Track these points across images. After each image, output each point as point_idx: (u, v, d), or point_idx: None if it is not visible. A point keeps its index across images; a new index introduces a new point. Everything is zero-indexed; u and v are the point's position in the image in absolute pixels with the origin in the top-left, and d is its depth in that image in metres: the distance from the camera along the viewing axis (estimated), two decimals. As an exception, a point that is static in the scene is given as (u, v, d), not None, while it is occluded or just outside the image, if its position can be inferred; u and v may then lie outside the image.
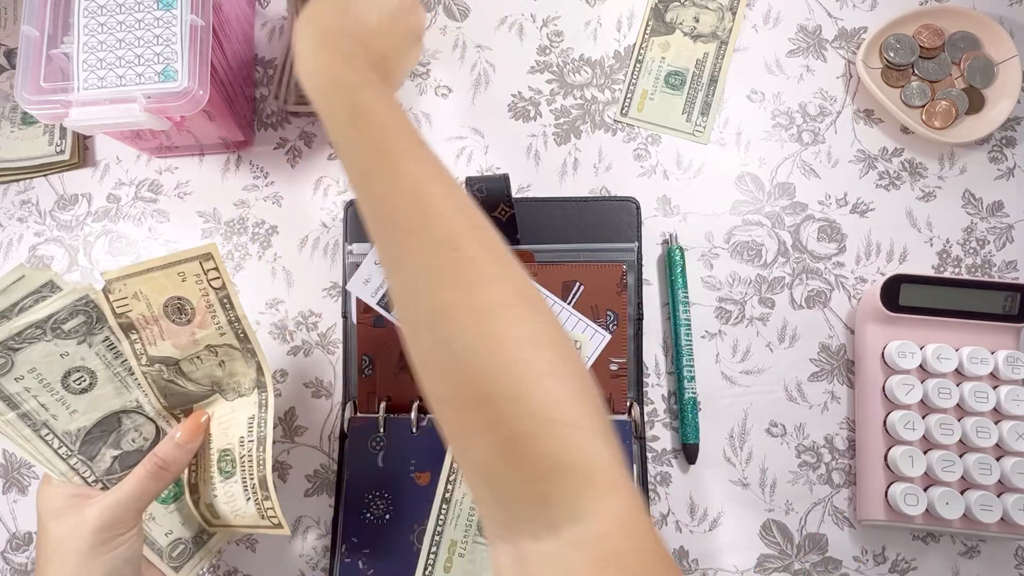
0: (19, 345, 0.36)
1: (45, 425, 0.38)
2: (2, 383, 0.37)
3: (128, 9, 0.49)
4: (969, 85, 0.58)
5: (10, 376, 0.37)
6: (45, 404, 0.38)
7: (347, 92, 0.34)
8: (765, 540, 0.53)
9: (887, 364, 0.53)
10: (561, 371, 0.28)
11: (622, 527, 0.26)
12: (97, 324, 0.39)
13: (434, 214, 0.30)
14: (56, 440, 0.39)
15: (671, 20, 0.61)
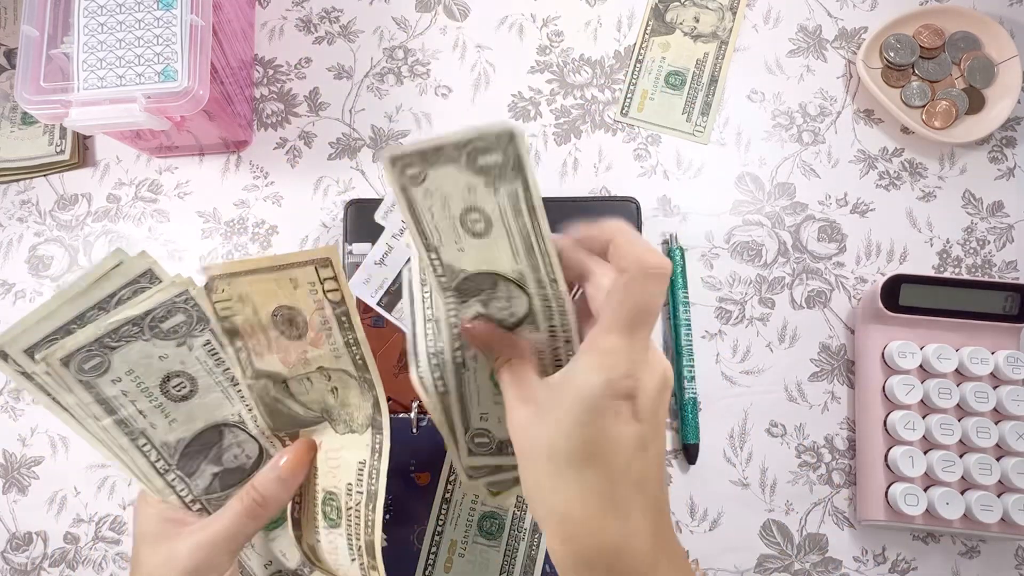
0: (116, 343, 0.32)
1: (143, 434, 0.34)
2: (99, 385, 0.33)
3: (128, 9, 0.49)
4: (969, 85, 0.58)
5: (107, 378, 0.33)
6: (143, 411, 0.34)
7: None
8: (765, 540, 0.53)
9: (887, 364, 0.53)
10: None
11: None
12: (198, 325, 0.34)
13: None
14: (154, 452, 0.35)
15: (671, 20, 0.61)
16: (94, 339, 0.32)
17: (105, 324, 0.32)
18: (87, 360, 0.32)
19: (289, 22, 0.62)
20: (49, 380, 0.32)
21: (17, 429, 0.56)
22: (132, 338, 0.33)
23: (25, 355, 0.31)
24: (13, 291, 0.58)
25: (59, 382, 0.32)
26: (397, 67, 0.61)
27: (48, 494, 0.55)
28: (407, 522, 0.50)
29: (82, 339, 0.31)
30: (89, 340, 0.32)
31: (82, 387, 0.32)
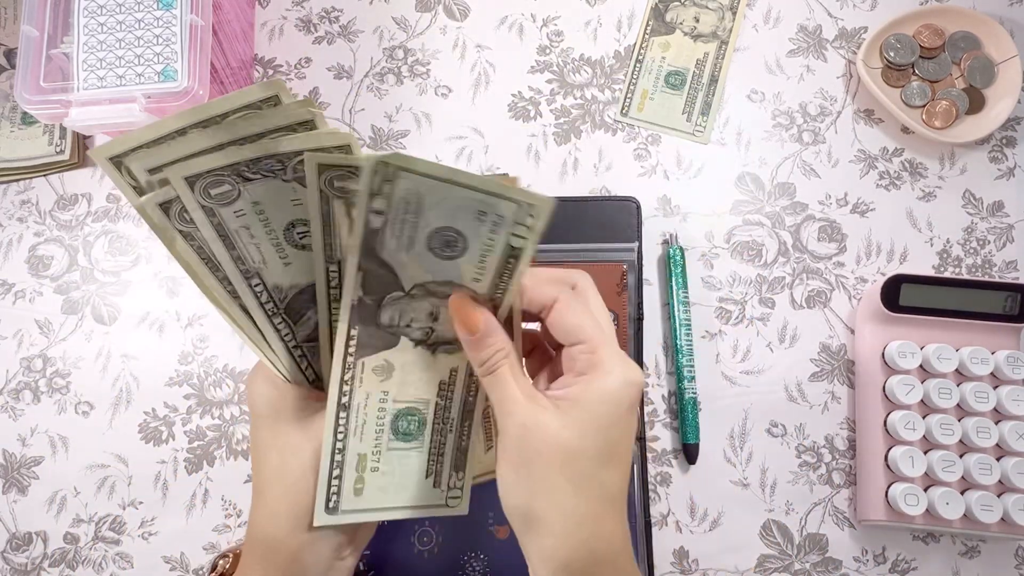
0: (252, 176, 0.29)
1: (258, 275, 0.32)
2: (222, 214, 0.29)
3: (128, 9, 0.49)
4: (969, 85, 0.58)
5: (231, 209, 0.29)
6: (262, 250, 0.31)
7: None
8: (765, 540, 0.53)
9: (887, 364, 0.53)
10: None
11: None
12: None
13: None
14: (265, 293, 0.32)
15: (671, 20, 0.61)
16: (229, 163, 0.28)
17: (247, 151, 0.28)
18: (216, 185, 0.28)
19: (289, 22, 0.62)
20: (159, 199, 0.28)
21: (17, 429, 0.56)
22: (272, 175, 0.29)
23: (147, 172, 0.28)
24: (13, 291, 0.58)
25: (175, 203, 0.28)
26: (397, 67, 0.61)
27: (48, 494, 0.55)
28: (407, 523, 0.50)
29: (215, 162, 0.28)
30: (223, 164, 0.28)
31: (203, 213, 0.29)
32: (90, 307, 0.57)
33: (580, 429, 0.29)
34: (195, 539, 0.54)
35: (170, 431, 0.55)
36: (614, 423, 0.30)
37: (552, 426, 0.29)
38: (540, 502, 0.29)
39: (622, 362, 0.30)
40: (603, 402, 0.30)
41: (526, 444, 0.29)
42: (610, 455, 0.30)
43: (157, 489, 0.54)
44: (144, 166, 0.27)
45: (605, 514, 0.30)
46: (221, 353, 0.56)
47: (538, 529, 0.29)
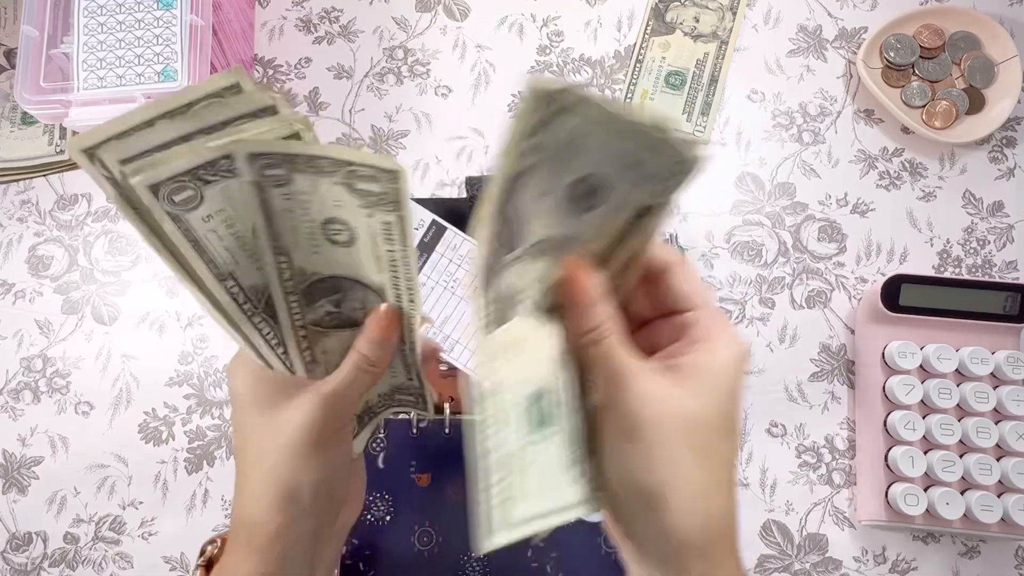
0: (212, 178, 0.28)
1: (231, 276, 0.31)
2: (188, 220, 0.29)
3: (128, 9, 0.49)
4: (969, 85, 0.58)
5: (197, 214, 0.29)
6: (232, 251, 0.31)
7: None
8: (765, 540, 0.53)
9: (887, 364, 0.53)
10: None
11: None
12: (389, 205, 0.29)
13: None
14: (241, 295, 0.32)
15: (671, 20, 0.61)
16: (188, 169, 0.27)
17: (204, 153, 0.27)
18: (178, 191, 0.28)
19: (289, 22, 0.62)
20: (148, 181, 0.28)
21: (17, 429, 0.56)
22: (229, 174, 0.28)
23: (119, 163, 0.27)
24: (13, 291, 0.58)
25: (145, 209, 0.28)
26: (397, 67, 0.61)
27: (48, 494, 0.55)
28: (408, 523, 0.50)
29: (176, 168, 0.27)
30: (183, 170, 0.27)
31: (171, 221, 0.28)
32: (90, 307, 0.57)
33: (703, 398, 0.28)
34: (195, 539, 0.54)
35: (170, 431, 0.55)
36: (731, 392, 0.29)
37: (673, 395, 0.28)
38: (663, 476, 0.28)
39: (732, 331, 0.30)
40: (724, 371, 0.29)
41: (644, 415, 0.28)
42: (727, 424, 0.29)
43: (157, 489, 0.54)
44: (116, 157, 0.27)
45: (724, 485, 0.29)
46: (221, 353, 0.56)
47: (659, 505, 0.28)
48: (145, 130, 0.27)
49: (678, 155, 0.27)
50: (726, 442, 0.29)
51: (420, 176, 0.59)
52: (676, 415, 0.28)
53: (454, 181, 0.59)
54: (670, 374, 0.29)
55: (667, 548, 0.28)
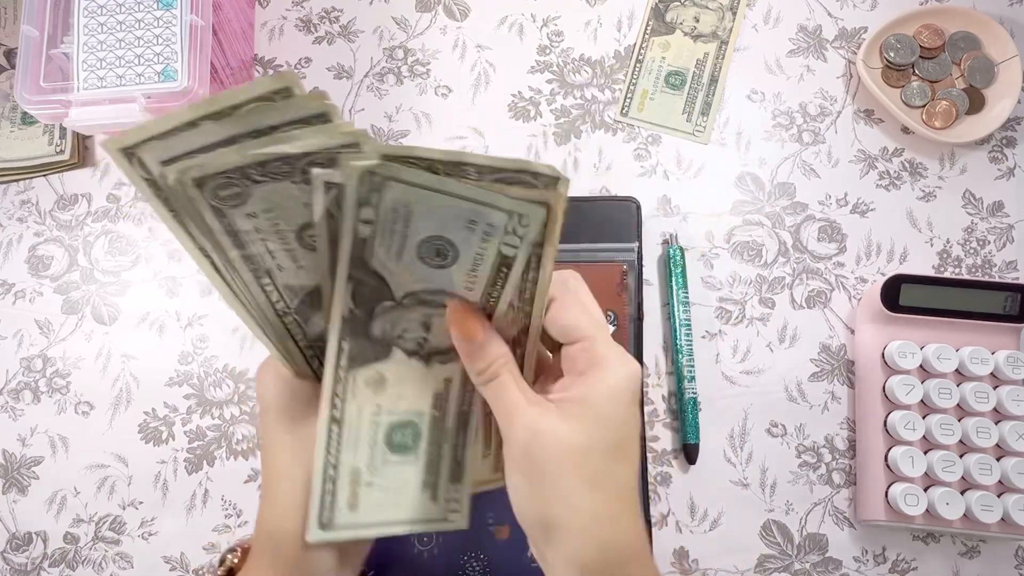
0: (260, 178, 0.28)
1: (268, 274, 0.31)
2: (232, 216, 0.29)
3: (128, 9, 0.49)
4: (969, 85, 0.58)
5: (242, 210, 0.29)
6: (273, 251, 0.31)
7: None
8: (765, 540, 0.53)
9: (887, 364, 0.53)
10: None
11: None
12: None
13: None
14: (275, 292, 0.32)
15: (671, 20, 0.61)
16: (237, 166, 0.27)
17: (254, 154, 0.27)
18: (225, 187, 0.28)
19: (289, 22, 0.62)
20: (178, 195, 0.28)
21: (17, 429, 0.56)
22: (280, 176, 0.28)
23: (160, 164, 0.27)
24: (13, 291, 0.58)
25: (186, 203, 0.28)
26: (397, 67, 0.61)
27: (48, 494, 0.55)
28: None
29: (224, 163, 0.27)
30: (231, 166, 0.27)
31: (213, 214, 0.29)
32: (90, 307, 0.57)
33: (588, 428, 0.29)
34: (195, 539, 0.54)
35: (170, 431, 0.55)
36: (620, 418, 0.30)
37: (560, 428, 0.29)
38: (557, 507, 0.29)
39: (620, 356, 0.30)
40: (607, 398, 0.29)
41: (535, 450, 0.29)
42: (620, 450, 0.29)
43: (157, 489, 0.54)
44: (157, 158, 0.27)
45: (623, 511, 0.29)
46: (221, 353, 0.56)
47: (557, 535, 0.29)
48: (188, 131, 0.27)
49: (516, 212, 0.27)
50: (619, 468, 0.29)
51: (420, 176, 0.59)
52: (564, 448, 0.29)
53: (454, 181, 0.59)
54: (559, 407, 0.30)
55: (575, 573, 0.29)
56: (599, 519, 0.29)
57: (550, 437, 0.29)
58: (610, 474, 0.29)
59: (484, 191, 0.27)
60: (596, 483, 0.29)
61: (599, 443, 0.29)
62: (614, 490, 0.29)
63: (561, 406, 0.30)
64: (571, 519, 0.29)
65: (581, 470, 0.29)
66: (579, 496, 0.29)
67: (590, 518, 0.29)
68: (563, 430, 0.29)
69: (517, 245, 0.29)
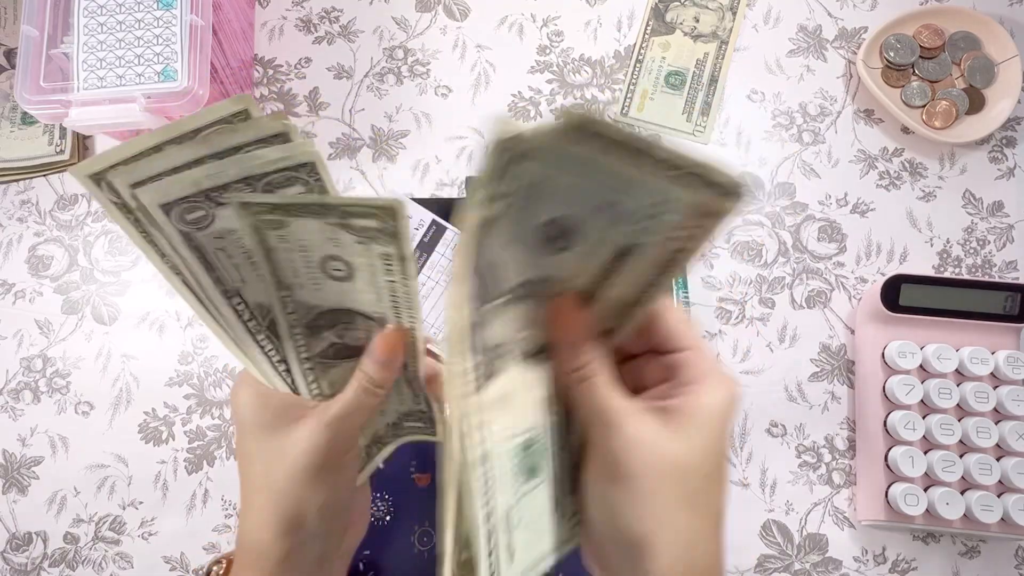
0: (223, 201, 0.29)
1: (238, 293, 0.32)
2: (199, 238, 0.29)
3: (128, 9, 0.49)
4: (969, 85, 0.58)
5: (209, 232, 0.29)
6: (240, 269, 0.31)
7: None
8: (765, 540, 0.53)
9: (887, 364, 0.53)
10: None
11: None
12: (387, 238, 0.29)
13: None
14: (247, 312, 0.32)
15: (671, 20, 0.61)
16: (200, 190, 0.28)
17: (215, 176, 0.28)
18: (191, 211, 0.28)
19: (289, 22, 0.62)
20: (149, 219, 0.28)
21: (17, 429, 0.56)
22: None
23: (129, 188, 0.28)
24: (13, 291, 0.58)
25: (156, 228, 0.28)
26: (397, 67, 0.61)
27: (48, 494, 0.55)
28: (408, 523, 0.50)
29: (187, 188, 0.27)
30: (195, 191, 0.28)
31: (181, 238, 0.29)
32: (90, 307, 0.57)
33: (693, 444, 0.27)
34: (195, 539, 0.54)
35: (170, 431, 0.55)
36: (722, 438, 0.28)
37: (662, 439, 0.27)
38: (649, 523, 0.27)
39: (724, 375, 0.29)
40: (714, 415, 0.28)
41: (632, 459, 0.27)
42: (719, 471, 0.28)
43: (157, 489, 0.54)
44: (126, 181, 0.27)
45: (711, 535, 0.28)
46: (221, 353, 0.56)
47: (644, 553, 0.27)
48: (153, 155, 0.27)
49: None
50: (715, 489, 0.28)
51: (420, 176, 0.59)
52: (665, 461, 0.27)
53: (454, 181, 0.59)
54: (659, 416, 0.28)
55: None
56: (691, 541, 0.27)
57: (651, 448, 0.27)
58: (705, 495, 0.28)
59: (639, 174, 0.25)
60: (693, 503, 0.27)
61: (701, 461, 0.27)
62: (708, 512, 0.28)
63: (664, 416, 0.28)
64: (664, 536, 0.27)
65: (681, 486, 0.27)
66: (676, 514, 0.27)
67: (683, 539, 0.27)
68: (665, 441, 0.27)
69: (646, 235, 0.27)
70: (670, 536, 0.27)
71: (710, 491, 0.28)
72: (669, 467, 0.27)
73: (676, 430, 0.27)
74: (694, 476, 0.27)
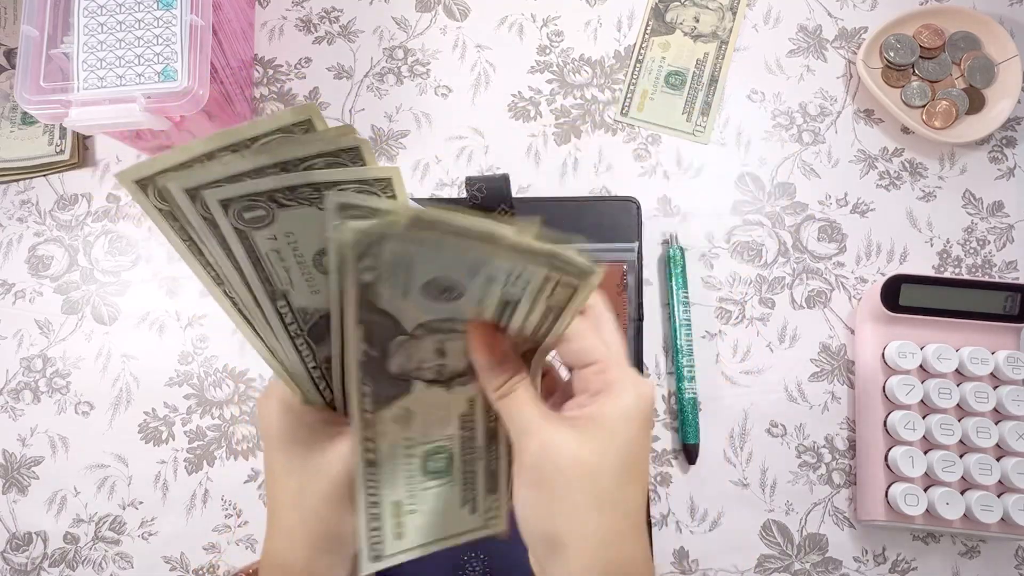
0: (287, 202, 0.28)
1: (284, 296, 0.31)
2: (254, 237, 0.29)
3: (128, 9, 0.49)
4: (969, 85, 0.58)
5: (264, 233, 0.29)
6: (290, 273, 0.31)
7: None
8: (765, 540, 0.53)
9: (887, 364, 0.53)
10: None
11: None
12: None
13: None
14: (290, 315, 0.32)
15: (671, 20, 0.61)
16: (265, 190, 0.28)
17: (284, 178, 0.28)
18: (250, 209, 0.28)
19: (289, 22, 0.62)
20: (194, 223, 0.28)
21: (17, 429, 0.56)
22: (306, 202, 0.29)
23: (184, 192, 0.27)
24: (13, 291, 0.58)
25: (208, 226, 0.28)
26: (397, 67, 0.61)
27: (48, 494, 0.55)
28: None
29: (252, 187, 0.27)
30: (259, 190, 0.28)
31: (236, 236, 0.29)
32: (90, 307, 0.57)
33: (599, 447, 0.29)
34: (195, 539, 0.54)
35: (170, 431, 0.55)
36: (632, 439, 0.30)
37: (571, 445, 0.29)
38: (563, 524, 0.29)
39: (633, 379, 0.30)
40: (620, 419, 0.29)
41: (545, 464, 0.29)
42: (630, 472, 0.29)
43: (157, 489, 0.54)
44: (181, 186, 0.27)
45: (628, 533, 0.29)
46: (221, 353, 0.56)
47: (561, 552, 0.29)
48: (207, 162, 0.27)
49: (518, 266, 0.28)
50: (629, 490, 0.29)
51: (420, 176, 0.59)
52: (575, 464, 0.29)
53: (454, 181, 0.59)
54: (573, 425, 0.30)
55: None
56: (605, 540, 0.29)
57: (562, 452, 0.29)
58: (619, 495, 0.29)
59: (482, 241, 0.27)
60: (605, 503, 0.29)
61: (610, 462, 0.29)
62: (623, 511, 0.29)
63: (575, 423, 0.30)
64: (577, 537, 0.29)
65: (589, 489, 0.29)
66: (587, 514, 0.29)
67: (596, 538, 0.29)
68: (575, 446, 0.29)
69: (520, 294, 0.29)
70: (582, 535, 0.29)
71: (623, 492, 0.29)
72: (578, 470, 0.29)
73: (583, 435, 0.29)
74: (603, 478, 0.29)
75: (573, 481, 0.29)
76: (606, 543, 0.29)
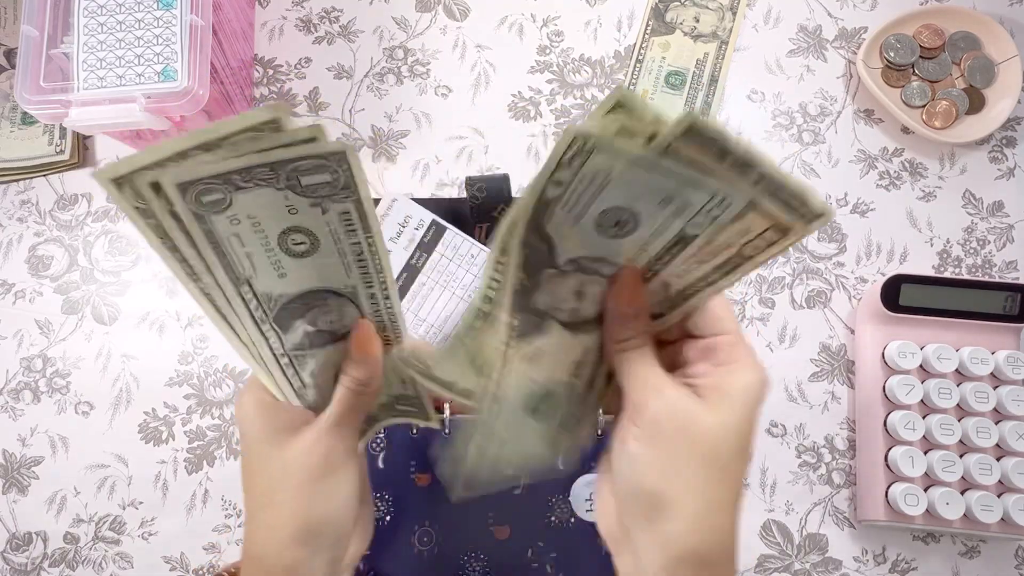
0: (244, 184, 0.28)
1: (247, 282, 0.31)
2: (213, 222, 0.28)
3: (128, 9, 0.49)
4: (969, 85, 0.58)
5: (223, 216, 0.29)
6: (253, 258, 0.30)
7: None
8: (765, 540, 0.53)
9: (887, 364, 0.53)
10: None
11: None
12: (342, 192, 0.29)
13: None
14: (254, 301, 0.32)
15: (671, 20, 0.61)
16: (220, 173, 0.27)
17: (238, 161, 0.27)
18: (207, 193, 0.28)
19: (289, 22, 0.62)
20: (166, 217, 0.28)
21: (17, 429, 0.56)
22: (264, 183, 0.28)
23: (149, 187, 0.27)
24: (13, 291, 0.58)
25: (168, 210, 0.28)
26: (397, 67, 0.61)
27: (48, 494, 0.55)
28: (408, 523, 0.50)
29: (206, 170, 0.27)
30: (213, 173, 0.27)
31: (194, 219, 0.28)
32: (90, 307, 0.57)
33: (723, 418, 0.29)
34: (195, 539, 0.54)
35: (170, 431, 0.55)
36: (751, 417, 0.30)
37: (697, 410, 0.29)
38: (675, 484, 0.29)
39: (756, 359, 0.31)
40: (744, 394, 0.30)
41: (667, 424, 0.29)
42: (744, 448, 0.30)
43: (157, 489, 0.54)
44: (147, 181, 0.27)
45: (731, 505, 0.30)
46: (221, 353, 0.56)
47: (665, 510, 0.29)
48: (180, 161, 0.27)
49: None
50: (739, 462, 0.30)
51: (420, 176, 0.59)
52: (699, 430, 0.29)
53: (454, 181, 0.59)
54: (697, 391, 0.30)
55: (665, 557, 0.29)
56: (711, 507, 0.29)
57: (689, 418, 0.29)
58: (732, 467, 0.29)
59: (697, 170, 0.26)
60: (719, 471, 0.29)
61: (729, 433, 0.29)
62: (731, 483, 0.29)
63: (698, 390, 0.30)
64: (687, 499, 0.29)
65: (711, 454, 0.29)
66: (702, 479, 0.29)
67: (704, 503, 0.29)
68: (701, 411, 0.29)
69: (704, 225, 0.28)
70: (693, 499, 0.29)
71: (733, 463, 0.29)
72: (701, 437, 0.29)
73: (710, 405, 0.29)
74: (721, 446, 0.29)
75: (695, 445, 0.29)
76: (712, 510, 0.29)
